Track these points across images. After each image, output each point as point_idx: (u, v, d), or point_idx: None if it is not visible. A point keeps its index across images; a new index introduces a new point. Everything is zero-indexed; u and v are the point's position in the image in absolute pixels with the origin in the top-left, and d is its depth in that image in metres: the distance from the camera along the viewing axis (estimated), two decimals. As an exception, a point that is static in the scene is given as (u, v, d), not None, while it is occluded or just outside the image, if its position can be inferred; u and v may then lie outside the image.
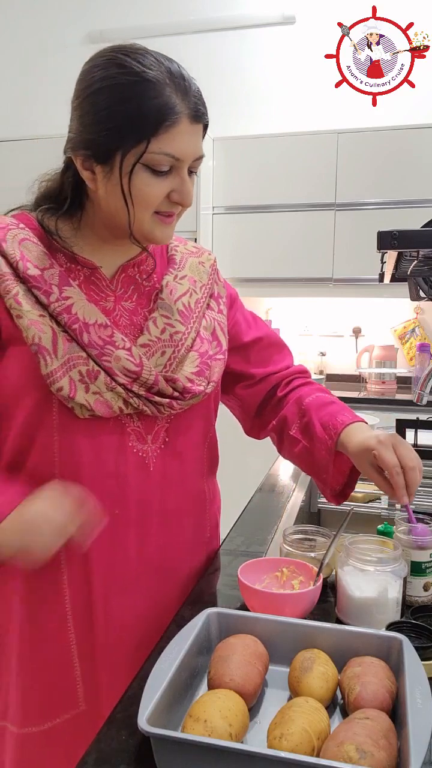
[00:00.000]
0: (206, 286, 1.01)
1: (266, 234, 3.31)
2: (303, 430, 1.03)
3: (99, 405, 0.84)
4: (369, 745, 0.55)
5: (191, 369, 0.92)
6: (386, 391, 3.26)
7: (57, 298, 0.84)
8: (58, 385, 0.82)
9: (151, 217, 0.85)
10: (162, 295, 0.94)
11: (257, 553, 1.08)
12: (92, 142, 0.81)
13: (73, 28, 3.60)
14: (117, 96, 0.79)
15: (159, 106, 0.78)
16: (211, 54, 3.47)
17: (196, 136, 0.83)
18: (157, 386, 0.87)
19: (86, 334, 0.84)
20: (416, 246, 1.09)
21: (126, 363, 0.85)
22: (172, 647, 0.68)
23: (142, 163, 0.80)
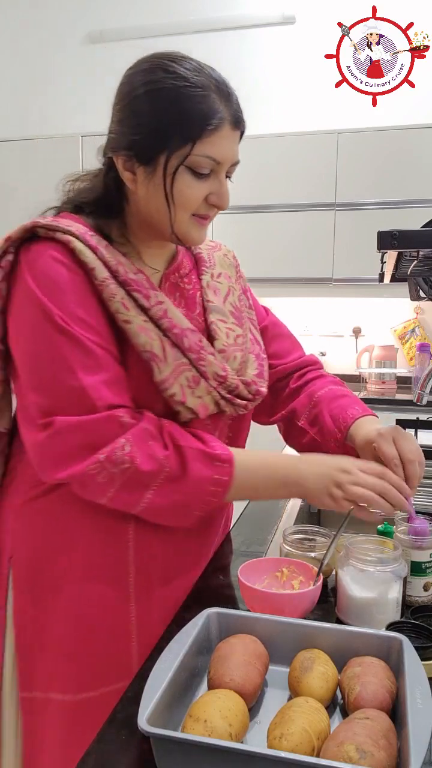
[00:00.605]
0: (238, 280, 1.05)
1: (266, 234, 3.31)
2: (312, 422, 1.05)
3: (201, 408, 0.88)
4: (369, 745, 0.55)
5: (253, 371, 0.97)
6: (386, 391, 3.26)
7: (155, 302, 0.86)
8: (171, 391, 0.85)
9: (189, 218, 0.87)
10: (208, 297, 0.97)
11: (257, 553, 1.08)
12: (136, 143, 0.83)
13: (73, 28, 3.60)
14: (163, 99, 0.81)
15: (205, 110, 0.81)
16: (211, 54, 3.45)
17: (234, 141, 0.86)
18: (238, 390, 0.91)
19: (186, 338, 0.87)
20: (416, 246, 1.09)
21: (216, 368, 0.89)
22: (172, 647, 0.68)
23: (185, 165, 0.82)
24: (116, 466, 0.79)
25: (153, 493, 0.81)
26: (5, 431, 0.95)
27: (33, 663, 0.92)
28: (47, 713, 0.93)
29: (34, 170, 3.35)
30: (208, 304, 0.96)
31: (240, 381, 0.92)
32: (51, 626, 0.91)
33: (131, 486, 0.80)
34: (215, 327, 0.94)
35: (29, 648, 0.92)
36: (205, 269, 1.00)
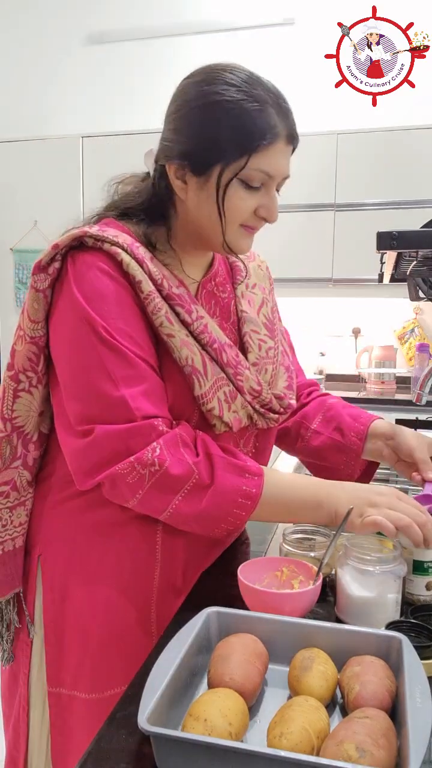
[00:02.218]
0: (272, 292, 1.06)
1: (266, 234, 3.30)
2: (328, 422, 1.07)
3: (236, 422, 0.89)
4: (369, 744, 0.55)
5: (283, 383, 0.97)
6: (386, 391, 3.26)
7: (196, 317, 0.87)
8: (210, 405, 0.85)
9: (238, 228, 0.88)
10: (242, 307, 0.97)
11: (257, 552, 1.08)
12: (190, 153, 0.84)
13: (73, 28, 3.60)
14: (221, 111, 0.82)
15: (261, 124, 0.81)
16: (211, 55, 3.45)
17: (287, 156, 0.87)
18: (271, 404, 0.92)
19: (224, 353, 0.87)
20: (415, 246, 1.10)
21: (252, 382, 0.90)
22: (172, 646, 0.68)
23: (238, 178, 0.83)
24: (146, 467, 0.79)
25: (181, 499, 0.81)
26: (46, 432, 0.96)
27: (60, 659, 0.94)
28: (73, 709, 0.94)
29: (34, 171, 3.35)
30: (243, 314, 0.96)
31: (273, 395, 0.93)
32: (77, 625, 0.92)
33: (159, 489, 0.80)
34: (248, 339, 0.95)
35: (56, 644, 0.94)
36: (240, 278, 1.01)
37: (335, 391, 3.28)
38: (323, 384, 3.43)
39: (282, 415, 0.95)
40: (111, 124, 3.44)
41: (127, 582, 0.92)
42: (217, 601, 0.78)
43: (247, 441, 0.96)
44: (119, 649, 0.92)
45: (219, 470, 0.82)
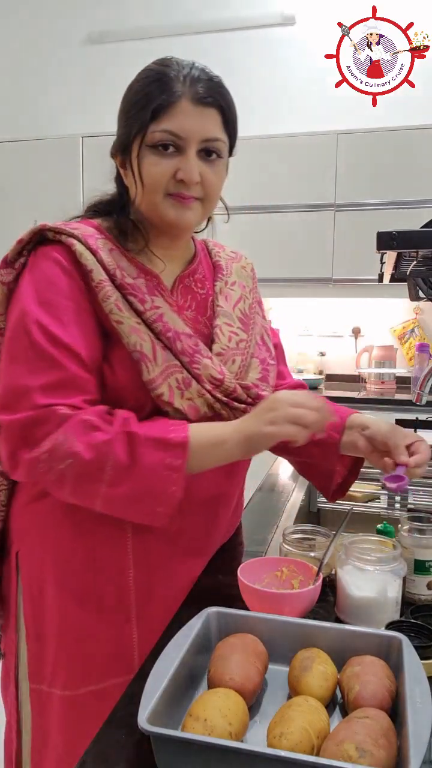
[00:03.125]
0: (253, 290, 1.07)
1: (266, 234, 3.31)
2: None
3: (191, 410, 0.88)
4: (369, 744, 0.55)
5: (256, 375, 0.97)
6: (386, 391, 3.26)
7: (150, 306, 0.88)
8: (159, 391, 0.86)
9: (164, 199, 0.88)
10: (219, 302, 0.99)
11: (257, 552, 1.08)
12: (118, 138, 0.90)
13: (73, 28, 3.60)
14: (132, 93, 0.88)
15: (157, 88, 0.85)
16: (211, 55, 3.46)
17: (202, 117, 0.87)
18: (235, 393, 0.92)
19: (179, 342, 0.88)
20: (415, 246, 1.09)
21: (212, 371, 0.90)
22: (172, 646, 0.68)
23: (147, 145, 0.85)
24: (61, 461, 0.79)
25: (107, 484, 0.80)
26: None
27: (39, 656, 0.95)
28: (51, 706, 0.95)
29: (34, 171, 3.35)
30: (218, 308, 0.98)
31: (238, 384, 0.93)
32: (53, 620, 0.93)
33: (83, 479, 0.81)
34: (218, 331, 0.95)
35: (37, 640, 0.95)
36: (220, 276, 1.02)
37: (335, 391, 3.29)
38: (323, 384, 3.43)
39: (252, 405, 0.94)
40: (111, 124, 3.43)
41: (100, 579, 0.92)
42: (217, 601, 0.78)
43: None
44: (94, 647, 0.93)
45: (140, 447, 0.80)
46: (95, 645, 0.93)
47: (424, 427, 1.59)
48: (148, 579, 0.93)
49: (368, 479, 1.54)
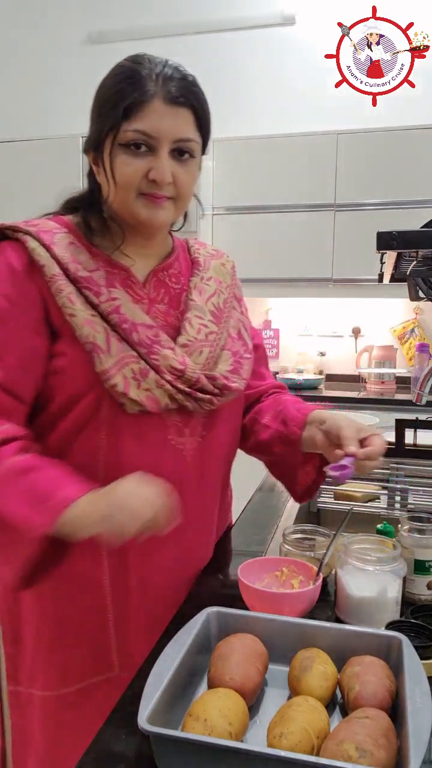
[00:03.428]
0: (230, 287, 1.06)
1: (266, 234, 3.31)
2: (276, 416, 1.06)
3: (149, 401, 0.88)
4: (369, 744, 0.55)
5: (226, 367, 0.97)
6: (386, 391, 3.26)
7: (107, 298, 0.88)
8: (112, 381, 0.86)
9: (136, 198, 0.89)
10: (192, 296, 0.99)
11: (257, 552, 1.08)
12: (91, 135, 0.90)
13: (73, 28, 3.60)
14: (103, 89, 0.89)
15: (131, 88, 0.85)
16: (211, 55, 3.47)
17: (175, 117, 0.86)
18: (199, 384, 0.91)
19: (135, 333, 0.88)
20: (415, 246, 1.09)
21: (172, 361, 0.89)
22: (172, 646, 0.68)
23: (119, 143, 0.85)
24: None
25: None
26: None
27: (16, 657, 0.96)
28: (31, 708, 0.95)
29: (34, 171, 3.35)
30: (190, 302, 0.98)
31: (203, 375, 0.92)
32: (28, 621, 0.94)
33: None
34: (186, 323, 0.95)
35: (13, 642, 0.95)
36: (197, 272, 1.02)
37: (335, 391, 3.29)
38: (323, 384, 3.43)
39: (218, 397, 0.94)
40: (111, 124, 3.44)
41: (72, 578, 0.92)
42: (217, 601, 0.78)
43: (194, 429, 0.95)
44: (72, 648, 0.93)
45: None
46: (72, 646, 0.93)
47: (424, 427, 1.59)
48: (125, 581, 0.93)
49: (368, 479, 1.54)
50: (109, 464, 0.89)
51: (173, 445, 0.93)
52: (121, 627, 0.94)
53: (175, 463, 0.93)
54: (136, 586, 0.93)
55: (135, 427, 0.90)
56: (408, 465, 1.52)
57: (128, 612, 0.94)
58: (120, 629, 0.94)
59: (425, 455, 1.54)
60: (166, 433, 0.92)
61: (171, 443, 0.93)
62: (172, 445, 0.93)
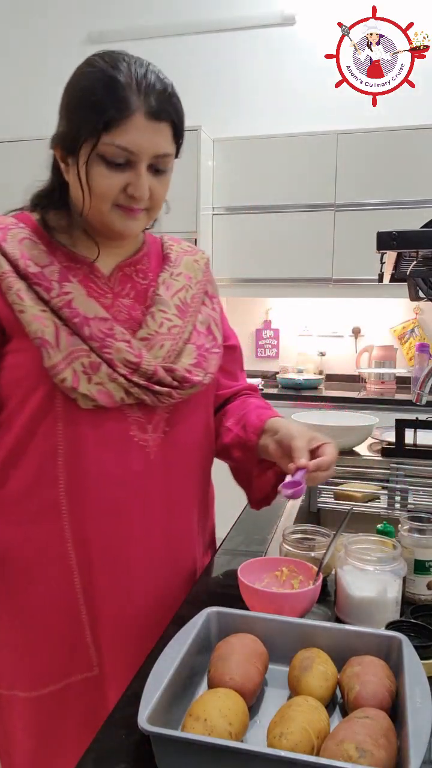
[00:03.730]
0: (201, 282, 1.04)
1: (266, 234, 3.31)
2: (238, 420, 1.05)
3: (101, 395, 0.87)
4: (369, 744, 0.55)
5: (189, 360, 0.95)
6: (385, 391, 3.26)
7: (58, 293, 0.87)
8: (61, 376, 0.85)
9: (111, 209, 0.88)
10: (159, 291, 0.98)
11: (257, 552, 1.08)
12: (63, 134, 0.88)
13: (73, 28, 3.60)
14: (80, 91, 0.85)
15: (113, 100, 0.82)
16: (212, 55, 3.47)
17: (155, 133, 0.85)
18: (157, 376, 0.90)
19: (87, 327, 0.87)
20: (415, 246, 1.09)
21: (126, 354, 0.88)
22: (172, 646, 0.68)
23: (97, 154, 0.84)
24: None
25: None
26: None
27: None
28: (13, 709, 0.95)
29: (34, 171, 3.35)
30: (156, 297, 0.97)
31: (160, 367, 0.90)
32: (6, 623, 0.94)
33: None
34: (148, 317, 0.94)
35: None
36: (167, 268, 1.01)
37: (335, 391, 3.29)
38: (323, 384, 3.43)
39: (178, 390, 0.92)
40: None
41: (41, 579, 0.92)
42: (217, 601, 0.78)
43: (157, 425, 0.94)
44: (47, 645, 0.93)
45: None
46: (49, 647, 0.93)
47: (424, 427, 1.59)
48: (94, 582, 0.92)
49: (368, 479, 1.54)
50: (69, 461, 0.89)
51: (136, 441, 0.92)
52: (96, 625, 0.93)
53: (138, 459, 0.92)
54: (106, 586, 0.92)
55: (93, 423, 0.88)
56: (408, 465, 1.52)
57: (101, 611, 0.93)
58: (95, 627, 0.93)
59: (425, 455, 1.54)
60: (128, 429, 0.91)
61: (133, 439, 0.91)
62: (135, 442, 0.92)
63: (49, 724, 0.94)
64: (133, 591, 0.94)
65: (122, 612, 0.94)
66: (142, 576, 0.95)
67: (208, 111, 3.41)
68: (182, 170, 3.82)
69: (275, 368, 3.65)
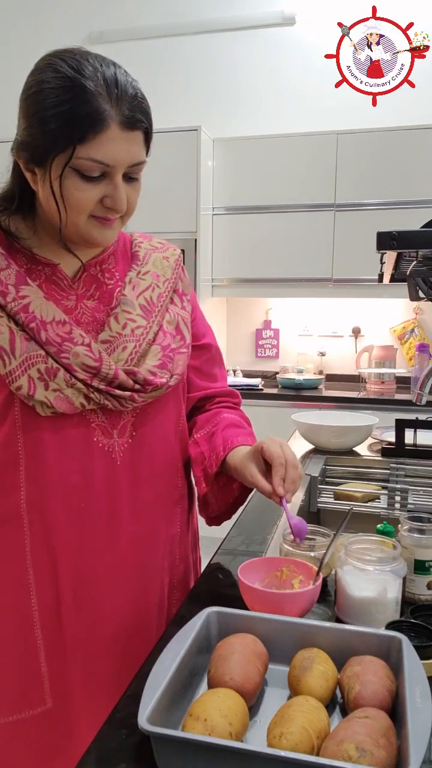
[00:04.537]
0: (170, 280, 1.01)
1: (266, 234, 3.31)
2: (206, 437, 1.04)
3: (59, 402, 0.85)
4: (369, 744, 0.55)
5: (153, 362, 0.92)
6: (385, 391, 3.26)
7: (14, 297, 0.85)
8: (17, 384, 0.83)
9: (87, 220, 0.85)
10: (125, 291, 0.95)
11: (257, 552, 1.08)
12: (29, 144, 0.82)
13: (73, 29, 3.60)
14: (48, 101, 0.79)
15: (87, 112, 0.78)
16: (212, 55, 3.47)
17: (129, 142, 0.82)
18: (117, 380, 0.88)
19: (43, 331, 0.85)
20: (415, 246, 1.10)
21: (85, 359, 0.86)
22: (172, 646, 0.68)
23: (71, 167, 0.80)
24: None
25: None
26: None
27: None
28: None
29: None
30: (122, 297, 0.94)
31: (121, 370, 0.88)
32: None
33: None
34: (111, 318, 0.92)
35: None
36: (134, 267, 0.98)
37: (335, 391, 3.29)
38: (323, 384, 3.43)
39: (141, 393, 0.90)
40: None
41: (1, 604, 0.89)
42: (217, 601, 0.78)
43: (123, 429, 0.92)
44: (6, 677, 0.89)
45: None
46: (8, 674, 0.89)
47: (424, 427, 1.59)
48: (55, 600, 0.89)
49: (368, 479, 1.54)
50: (30, 468, 0.86)
51: (100, 446, 0.89)
52: (58, 650, 0.89)
53: (103, 466, 0.89)
54: (68, 605, 0.89)
55: (53, 429, 0.86)
56: (408, 465, 1.52)
57: (62, 636, 0.89)
58: (58, 653, 0.89)
59: (425, 455, 1.55)
60: (91, 435, 0.89)
61: (97, 445, 0.89)
62: (99, 447, 0.89)
63: (4, 757, 0.90)
64: (100, 606, 0.90)
65: (90, 632, 0.90)
66: (110, 587, 0.91)
67: (208, 111, 3.41)
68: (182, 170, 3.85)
69: (275, 368, 3.65)
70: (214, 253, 3.39)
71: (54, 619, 0.89)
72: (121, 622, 0.92)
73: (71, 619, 0.89)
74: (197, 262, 3.20)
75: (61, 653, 0.89)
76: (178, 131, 3.08)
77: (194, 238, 3.17)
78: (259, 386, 3.28)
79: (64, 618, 0.89)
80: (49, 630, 0.89)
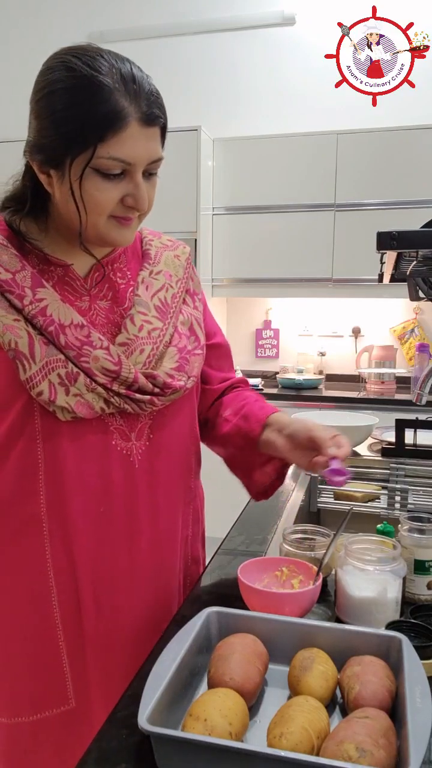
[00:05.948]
0: (182, 280, 1.00)
1: (266, 234, 3.31)
2: (237, 411, 1.04)
3: (80, 406, 0.84)
4: (369, 744, 0.55)
5: (171, 365, 0.92)
6: (385, 391, 3.26)
7: (31, 300, 0.83)
8: (38, 389, 0.81)
9: (107, 220, 0.84)
10: (138, 291, 0.94)
11: (257, 552, 1.08)
12: (44, 146, 0.81)
13: (73, 29, 3.60)
14: (65, 101, 0.78)
15: (106, 111, 0.76)
16: (212, 54, 3.47)
17: (149, 139, 0.81)
18: (137, 384, 0.87)
19: (63, 335, 0.83)
20: (415, 246, 1.09)
21: (105, 363, 0.84)
22: (172, 646, 0.68)
23: (91, 167, 0.78)
24: None
25: None
26: None
27: None
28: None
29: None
30: (136, 298, 0.93)
31: (141, 374, 0.87)
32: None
33: None
34: (128, 320, 0.90)
35: None
36: (146, 266, 0.97)
37: (335, 391, 3.29)
38: (323, 384, 3.43)
39: (160, 396, 0.89)
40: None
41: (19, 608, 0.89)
42: (217, 601, 0.78)
43: (141, 432, 0.91)
44: (23, 675, 0.90)
45: None
46: (22, 677, 0.90)
47: (424, 427, 1.59)
48: (76, 603, 0.88)
49: (368, 479, 1.54)
50: (49, 474, 0.85)
51: (118, 450, 0.89)
52: (78, 652, 0.89)
53: (122, 469, 0.89)
54: (88, 608, 0.89)
55: (73, 435, 0.85)
56: (408, 465, 1.52)
57: (83, 639, 0.89)
58: (77, 654, 0.89)
59: (425, 455, 1.55)
60: (110, 439, 0.88)
61: (116, 449, 0.88)
62: (117, 450, 0.88)
63: (23, 756, 0.91)
64: (119, 608, 0.91)
65: (110, 633, 0.90)
66: (129, 590, 0.91)
67: (208, 111, 3.41)
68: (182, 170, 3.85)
69: (275, 368, 3.65)
70: (214, 253, 3.39)
71: (75, 621, 0.89)
72: (140, 623, 0.92)
73: (91, 621, 0.89)
74: (197, 262, 3.20)
75: (82, 654, 0.89)
76: (178, 131, 3.08)
77: (194, 238, 3.17)
78: (259, 386, 3.28)
79: (84, 619, 0.89)
80: (70, 631, 0.89)
